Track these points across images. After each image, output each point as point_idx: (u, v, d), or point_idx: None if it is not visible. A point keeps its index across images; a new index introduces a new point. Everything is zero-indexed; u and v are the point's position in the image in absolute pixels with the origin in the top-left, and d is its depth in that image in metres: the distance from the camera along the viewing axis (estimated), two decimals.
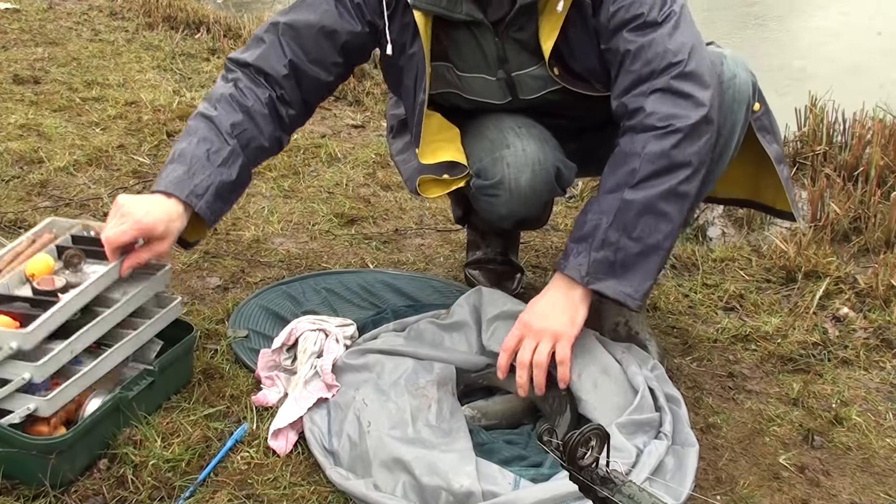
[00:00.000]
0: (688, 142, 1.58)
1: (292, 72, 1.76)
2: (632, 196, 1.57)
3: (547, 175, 1.79)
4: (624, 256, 1.57)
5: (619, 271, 1.58)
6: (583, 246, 1.60)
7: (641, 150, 1.58)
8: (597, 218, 1.59)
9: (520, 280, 2.22)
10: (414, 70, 1.75)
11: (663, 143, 1.57)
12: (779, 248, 2.46)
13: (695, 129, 1.58)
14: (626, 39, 1.62)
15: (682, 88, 1.59)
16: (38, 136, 3.22)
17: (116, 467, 1.54)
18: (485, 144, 1.82)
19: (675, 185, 1.58)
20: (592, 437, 1.16)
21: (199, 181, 1.66)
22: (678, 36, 1.61)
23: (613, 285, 1.58)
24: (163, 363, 1.67)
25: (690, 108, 1.59)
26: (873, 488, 1.60)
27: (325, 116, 3.62)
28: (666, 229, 1.59)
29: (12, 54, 4.35)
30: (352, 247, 2.48)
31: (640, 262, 1.58)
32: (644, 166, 1.57)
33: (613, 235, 1.57)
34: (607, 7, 1.63)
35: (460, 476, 1.42)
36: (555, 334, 1.60)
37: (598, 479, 1.14)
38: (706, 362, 1.98)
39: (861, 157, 2.98)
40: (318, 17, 1.75)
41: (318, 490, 1.51)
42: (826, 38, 5.78)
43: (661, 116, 1.58)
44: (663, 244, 1.59)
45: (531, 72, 1.77)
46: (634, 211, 1.57)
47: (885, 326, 2.11)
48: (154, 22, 5.17)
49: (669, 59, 1.60)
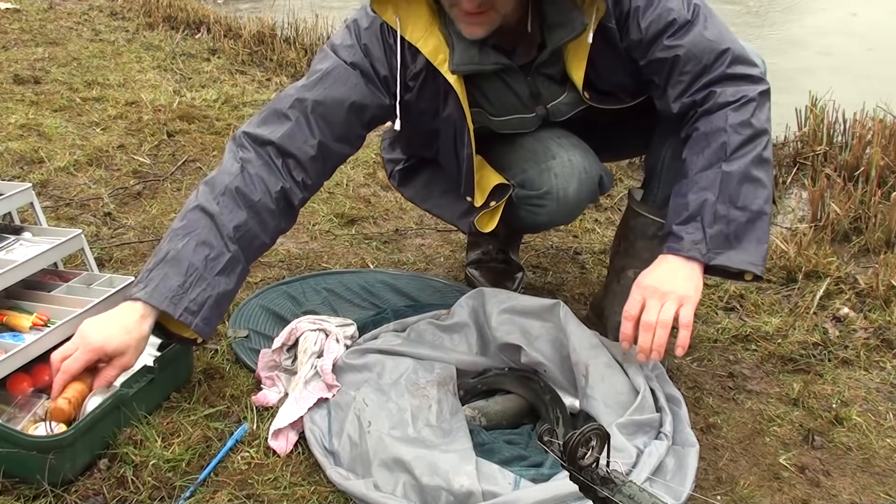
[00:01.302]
0: (760, 110, 1.65)
1: (320, 153, 1.71)
2: (729, 168, 1.61)
3: (592, 184, 1.83)
4: (737, 227, 1.61)
5: (735, 242, 1.61)
6: (693, 225, 1.62)
7: (725, 124, 1.63)
8: (701, 196, 1.62)
9: (520, 280, 2.22)
10: (452, 130, 1.78)
11: (743, 113, 1.63)
12: (779, 248, 2.46)
13: (762, 97, 1.66)
14: (668, 46, 1.66)
15: (738, 71, 1.66)
16: (38, 136, 3.22)
17: (117, 467, 1.54)
18: (528, 156, 1.84)
19: (760, 152, 1.63)
20: (593, 437, 1.15)
21: (194, 296, 1.55)
22: (711, 27, 1.67)
23: (734, 255, 1.61)
24: (162, 361, 1.67)
25: (752, 84, 1.66)
26: (873, 488, 1.60)
27: None
28: (764, 194, 1.63)
29: (13, 54, 4.36)
30: (352, 247, 2.48)
31: (750, 229, 1.61)
32: (732, 138, 1.62)
33: (723, 208, 1.60)
34: (637, 25, 1.66)
35: (460, 476, 1.42)
36: (681, 297, 1.60)
37: (599, 480, 1.14)
38: (706, 362, 1.98)
39: (861, 157, 2.98)
40: (347, 93, 1.70)
41: (319, 490, 1.51)
42: (827, 38, 5.78)
43: (732, 93, 1.64)
44: (765, 208, 1.63)
45: (563, 100, 1.81)
46: (735, 181, 1.61)
47: (885, 326, 2.11)
48: (154, 22, 5.17)
49: (716, 50, 1.65)
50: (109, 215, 2.61)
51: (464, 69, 1.68)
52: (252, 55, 4.59)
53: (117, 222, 2.57)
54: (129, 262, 2.32)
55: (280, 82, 4.14)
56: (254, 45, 4.70)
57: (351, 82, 1.71)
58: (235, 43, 4.72)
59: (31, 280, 1.80)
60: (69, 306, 1.72)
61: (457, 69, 1.68)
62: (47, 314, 1.71)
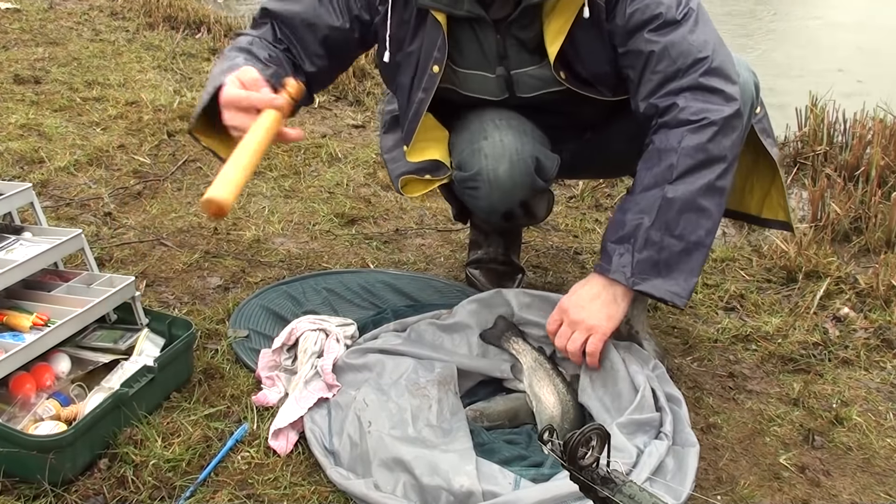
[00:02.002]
0: (722, 135, 1.57)
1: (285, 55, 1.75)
2: (672, 193, 1.55)
3: (525, 165, 1.77)
4: (668, 255, 1.56)
5: (664, 270, 1.56)
6: (625, 247, 1.58)
7: (678, 144, 1.56)
8: (637, 217, 1.57)
9: (521, 280, 2.22)
10: (412, 67, 1.74)
11: (700, 136, 1.56)
12: (779, 248, 2.46)
13: (728, 122, 1.57)
14: (648, 40, 1.61)
15: (712, 84, 1.58)
16: (38, 135, 3.22)
17: (117, 467, 1.54)
18: (465, 136, 1.81)
19: (713, 180, 1.56)
20: (593, 436, 1.15)
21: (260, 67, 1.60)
22: (699, 32, 1.61)
23: (660, 284, 1.56)
24: (162, 361, 1.67)
25: (722, 102, 1.58)
26: (874, 488, 1.60)
27: (326, 116, 3.62)
28: (707, 225, 1.57)
29: (13, 54, 4.36)
30: (352, 247, 2.48)
31: (683, 259, 1.56)
32: (682, 161, 1.55)
33: (656, 235, 1.55)
34: (623, 9, 1.62)
35: (461, 476, 1.42)
36: (590, 328, 1.61)
37: (599, 479, 1.14)
38: (706, 362, 1.98)
39: (861, 157, 2.98)
40: (301, 8, 1.74)
41: (319, 490, 1.51)
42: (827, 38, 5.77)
43: (695, 111, 1.57)
44: (705, 240, 1.58)
45: (530, 71, 1.76)
46: (676, 208, 1.55)
47: (885, 326, 2.11)
48: (154, 22, 5.17)
49: (695, 56, 1.59)
50: (109, 215, 2.61)
51: (425, 3, 1.65)
52: None
53: (117, 222, 2.57)
54: (129, 262, 2.32)
55: None
56: None
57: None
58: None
59: (31, 280, 1.80)
60: (69, 306, 1.72)
61: (422, 3, 1.65)
62: (47, 314, 1.71)
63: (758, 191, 1.87)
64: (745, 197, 1.90)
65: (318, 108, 3.75)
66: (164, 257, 2.36)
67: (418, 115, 1.75)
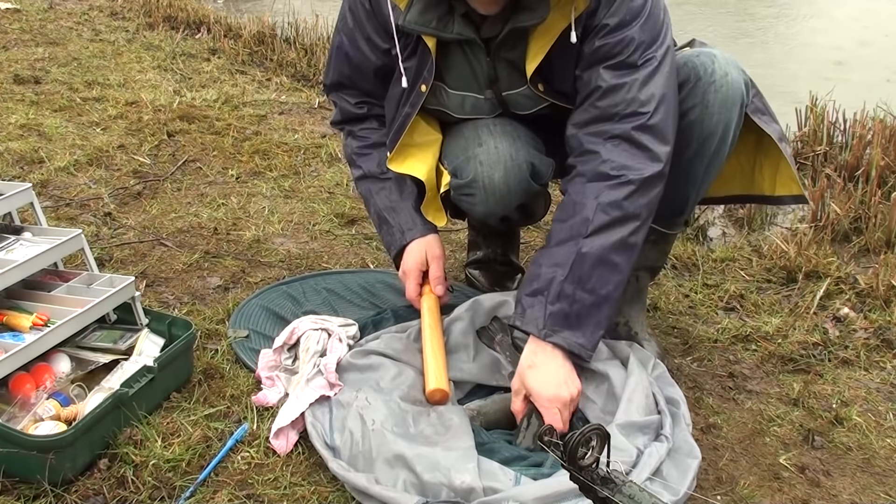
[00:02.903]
0: (639, 194, 1.58)
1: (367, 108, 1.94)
2: (587, 248, 1.57)
3: (520, 171, 1.79)
4: (579, 308, 1.58)
5: (574, 323, 1.58)
6: (538, 299, 1.59)
7: (594, 199, 1.58)
8: (551, 271, 1.59)
9: (520, 280, 2.22)
10: (406, 83, 1.77)
11: (616, 193, 1.57)
12: (779, 248, 2.46)
13: (647, 182, 1.58)
14: (601, 76, 1.62)
15: (641, 140, 1.59)
16: (38, 136, 3.22)
17: (117, 467, 1.54)
18: (460, 143, 1.82)
19: (626, 237, 1.58)
20: (593, 437, 1.15)
21: (403, 220, 1.87)
22: (651, 85, 1.60)
23: (568, 336, 1.58)
24: (162, 361, 1.67)
25: (646, 161, 1.59)
26: (874, 488, 1.60)
27: (326, 116, 3.62)
28: (616, 279, 1.59)
29: (13, 54, 4.36)
30: (352, 247, 2.48)
31: (592, 313, 1.58)
32: (597, 216, 1.57)
33: (569, 288, 1.57)
34: (593, 39, 1.63)
35: (461, 473, 1.42)
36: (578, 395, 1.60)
37: (599, 479, 1.14)
38: (706, 362, 1.98)
39: (861, 157, 2.98)
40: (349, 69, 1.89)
41: (319, 490, 1.51)
42: (827, 38, 5.78)
43: (616, 166, 1.58)
44: (613, 294, 1.60)
45: (522, 91, 1.78)
46: (589, 263, 1.57)
47: (885, 327, 2.11)
48: (154, 22, 5.17)
49: (635, 108, 1.59)
50: (109, 215, 2.61)
51: (411, 28, 1.67)
52: (252, 55, 4.59)
53: (117, 222, 2.57)
54: (129, 262, 2.32)
55: (280, 82, 4.15)
56: (254, 45, 4.70)
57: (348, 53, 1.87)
58: (235, 43, 4.72)
59: (31, 280, 1.80)
60: (69, 306, 1.72)
61: (404, 25, 1.67)
62: (47, 314, 1.71)
63: (767, 169, 1.86)
64: (755, 179, 1.89)
65: (318, 107, 3.75)
66: (164, 257, 2.36)
67: (403, 127, 1.79)
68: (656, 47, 1.62)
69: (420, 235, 1.87)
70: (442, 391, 1.66)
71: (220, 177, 2.95)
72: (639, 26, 1.61)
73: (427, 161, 1.85)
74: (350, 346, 1.81)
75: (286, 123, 3.53)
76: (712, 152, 1.72)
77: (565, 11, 1.62)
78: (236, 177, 2.94)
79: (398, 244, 1.88)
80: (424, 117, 1.83)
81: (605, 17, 1.61)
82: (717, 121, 1.69)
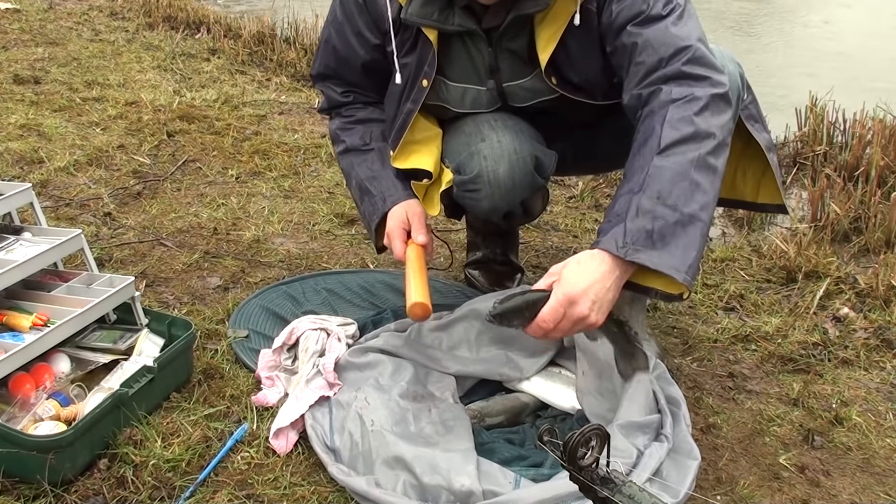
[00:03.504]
0: (710, 112, 1.50)
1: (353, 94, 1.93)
2: (661, 162, 1.46)
3: (524, 164, 1.78)
4: (662, 225, 1.43)
5: (659, 242, 1.42)
6: (616, 219, 1.46)
7: (663, 120, 1.50)
8: (627, 193, 1.47)
9: (520, 280, 2.22)
10: (405, 80, 1.77)
11: (685, 110, 1.50)
12: (779, 248, 2.46)
13: (714, 100, 1.52)
14: (631, 33, 1.60)
15: (695, 72, 1.55)
16: (38, 136, 3.22)
17: (116, 467, 1.54)
18: (462, 139, 1.82)
19: (703, 154, 1.47)
20: (593, 437, 1.15)
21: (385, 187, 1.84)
22: (682, 26, 1.59)
23: (655, 257, 1.42)
24: (162, 361, 1.67)
25: (707, 85, 1.53)
26: (873, 488, 1.60)
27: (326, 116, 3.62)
28: (702, 200, 1.45)
29: (13, 54, 4.36)
30: (352, 247, 2.48)
31: (679, 232, 1.43)
32: (667, 132, 1.48)
33: (647, 203, 1.44)
34: (610, 9, 1.62)
35: (461, 476, 1.42)
36: (589, 326, 1.46)
37: (599, 479, 1.14)
38: (706, 362, 1.98)
39: (861, 157, 2.98)
40: (334, 61, 1.89)
41: (319, 490, 1.51)
42: (827, 38, 5.78)
43: (679, 92, 1.53)
44: (701, 215, 1.44)
45: (523, 83, 1.77)
46: (667, 177, 1.45)
47: (885, 326, 2.11)
48: (154, 22, 5.17)
49: (678, 45, 1.56)
50: (109, 215, 2.61)
51: (413, 21, 1.67)
52: (252, 55, 4.59)
53: (117, 222, 2.57)
54: (128, 262, 2.32)
55: (280, 82, 4.15)
56: (254, 45, 4.70)
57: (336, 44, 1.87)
58: (235, 43, 4.72)
59: (31, 280, 1.80)
60: (69, 306, 1.72)
61: (406, 19, 1.67)
62: (47, 314, 1.71)
63: (751, 177, 1.86)
64: (736, 183, 1.88)
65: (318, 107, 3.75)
66: (164, 257, 2.36)
67: (405, 125, 1.78)
68: None
69: (401, 200, 1.83)
70: (422, 304, 1.61)
71: (220, 177, 2.95)
72: None
73: (432, 153, 1.84)
74: (349, 345, 1.81)
75: (286, 123, 3.53)
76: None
77: None
78: (236, 177, 2.94)
79: (380, 211, 1.83)
80: (423, 114, 1.82)
81: None
82: None
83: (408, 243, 1.81)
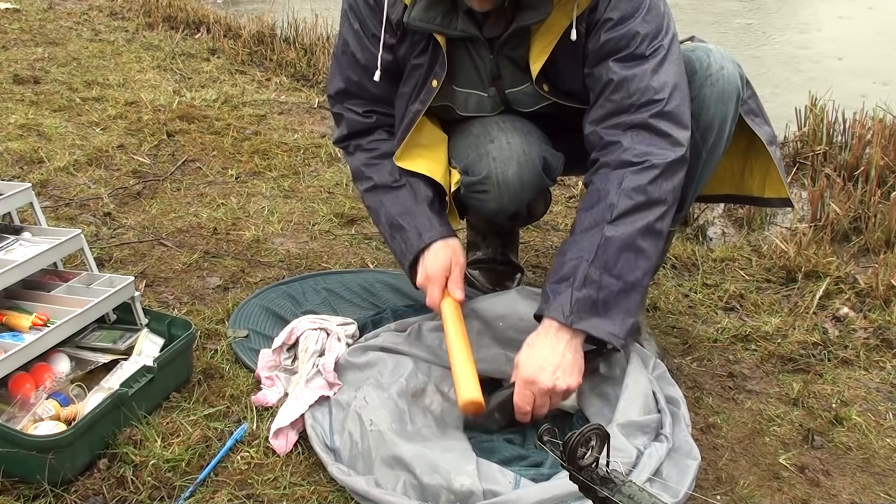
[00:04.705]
0: (663, 179, 1.58)
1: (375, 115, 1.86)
2: (611, 232, 1.55)
3: (533, 166, 1.79)
4: (606, 294, 1.55)
5: (602, 310, 1.55)
6: (564, 286, 1.57)
7: (618, 185, 1.57)
8: (576, 258, 1.57)
9: (520, 280, 2.22)
10: (414, 79, 1.77)
11: (640, 178, 1.57)
12: (779, 248, 2.46)
13: (670, 167, 1.58)
14: (611, 69, 1.62)
15: (660, 127, 1.59)
16: (38, 136, 3.22)
17: (116, 467, 1.54)
18: (470, 141, 1.82)
19: (652, 222, 1.57)
20: (593, 437, 1.15)
21: (420, 223, 1.78)
22: (662, 73, 1.61)
23: (598, 324, 1.55)
24: (162, 361, 1.67)
25: (667, 146, 1.59)
26: (873, 488, 1.60)
27: (325, 116, 3.62)
28: (645, 266, 1.57)
29: (12, 54, 4.36)
30: (352, 247, 2.48)
31: (621, 299, 1.55)
32: (622, 201, 1.56)
33: (595, 273, 1.54)
34: (598, 35, 1.63)
35: (461, 475, 1.42)
36: (563, 393, 1.58)
37: (599, 479, 1.14)
38: (706, 362, 1.98)
39: (861, 157, 2.98)
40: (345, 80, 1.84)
41: (318, 490, 1.51)
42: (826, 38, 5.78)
43: (638, 153, 1.58)
44: (642, 281, 1.58)
45: (524, 89, 1.78)
46: (615, 248, 1.55)
47: (885, 326, 2.11)
48: (154, 22, 5.17)
49: (650, 96, 1.59)
50: (109, 215, 2.61)
51: (416, 25, 1.67)
52: (252, 55, 4.59)
53: (117, 222, 2.57)
54: (128, 262, 2.32)
55: (280, 82, 4.14)
56: (253, 45, 4.70)
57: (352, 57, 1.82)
58: (235, 43, 4.72)
59: (30, 280, 1.80)
60: (69, 306, 1.72)
61: (409, 22, 1.67)
62: (47, 314, 1.71)
63: (758, 171, 1.88)
64: (745, 180, 1.90)
65: (318, 107, 3.75)
66: (164, 257, 2.36)
67: (412, 124, 1.78)
68: (662, 37, 1.63)
69: (440, 237, 1.77)
70: (476, 403, 1.57)
71: (220, 177, 2.95)
72: (641, 17, 1.62)
73: (440, 161, 1.84)
74: (349, 345, 1.81)
75: (286, 123, 3.53)
76: (710, 146, 1.73)
77: (567, 10, 1.62)
78: (236, 177, 2.94)
79: (415, 248, 1.76)
80: (428, 118, 1.83)
81: (606, 12, 1.62)
82: (714, 115, 1.70)
83: (443, 294, 1.76)
